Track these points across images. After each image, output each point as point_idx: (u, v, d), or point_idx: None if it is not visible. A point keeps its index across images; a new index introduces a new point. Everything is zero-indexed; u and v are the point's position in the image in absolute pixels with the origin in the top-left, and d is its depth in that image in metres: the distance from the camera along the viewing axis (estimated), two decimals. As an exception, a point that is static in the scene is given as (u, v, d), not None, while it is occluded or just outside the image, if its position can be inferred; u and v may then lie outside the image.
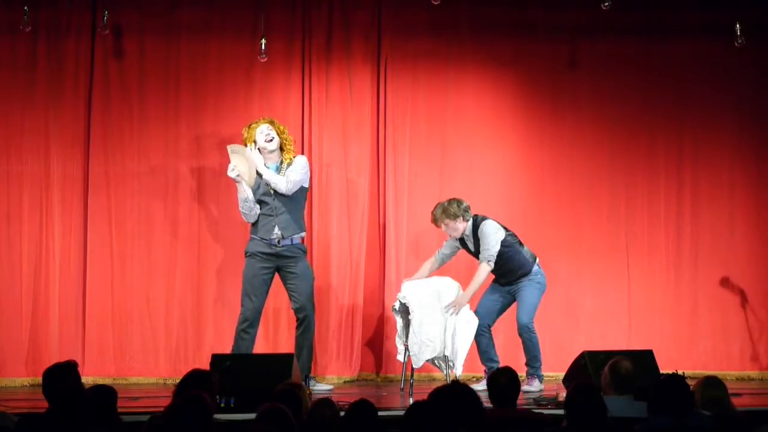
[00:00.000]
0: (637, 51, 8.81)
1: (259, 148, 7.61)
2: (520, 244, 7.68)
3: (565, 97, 8.78)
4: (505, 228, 7.64)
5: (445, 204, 7.60)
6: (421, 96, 8.67)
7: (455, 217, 7.55)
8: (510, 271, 7.64)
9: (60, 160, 8.35)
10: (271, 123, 7.66)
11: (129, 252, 8.38)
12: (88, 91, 8.40)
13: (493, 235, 7.54)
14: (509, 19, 8.75)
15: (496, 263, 7.57)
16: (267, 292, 7.67)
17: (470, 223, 7.62)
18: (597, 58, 8.80)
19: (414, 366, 7.34)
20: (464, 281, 7.62)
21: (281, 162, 7.63)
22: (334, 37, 8.58)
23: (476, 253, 7.65)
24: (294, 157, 7.65)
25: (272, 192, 7.56)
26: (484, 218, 7.64)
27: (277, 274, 7.67)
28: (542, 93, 8.77)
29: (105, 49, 8.42)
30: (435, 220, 7.62)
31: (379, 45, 8.63)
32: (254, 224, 7.62)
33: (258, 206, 7.58)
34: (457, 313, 7.37)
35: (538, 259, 7.72)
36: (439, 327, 7.31)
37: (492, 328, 7.75)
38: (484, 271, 7.55)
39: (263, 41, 8.06)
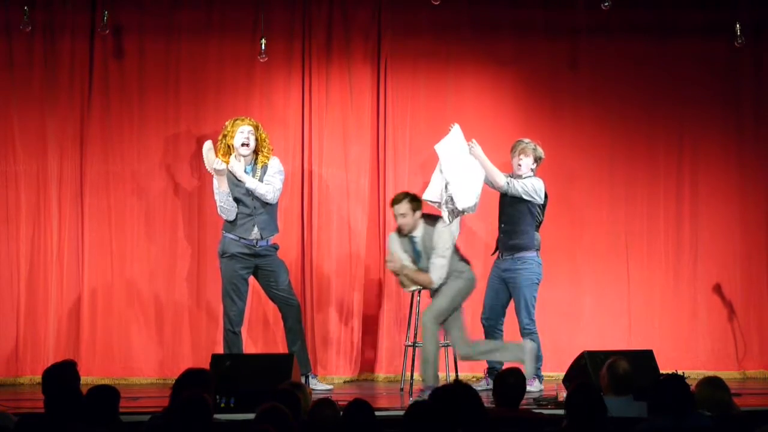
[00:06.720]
0: (637, 51, 8.82)
1: (231, 144, 7.61)
2: (538, 227, 7.73)
3: (565, 97, 8.79)
4: (543, 204, 7.71)
5: (536, 145, 7.75)
6: (421, 96, 8.67)
7: (536, 159, 7.75)
8: (512, 231, 7.66)
9: (58, 160, 8.35)
10: (256, 128, 7.64)
11: (128, 252, 8.38)
12: (87, 91, 8.40)
13: (535, 189, 7.65)
14: (509, 19, 8.76)
15: (508, 213, 7.67)
16: (247, 291, 7.71)
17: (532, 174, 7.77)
18: (597, 58, 8.81)
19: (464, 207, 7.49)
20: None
21: (255, 163, 7.64)
22: (334, 37, 8.59)
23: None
24: (268, 160, 7.64)
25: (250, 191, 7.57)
26: (539, 179, 7.76)
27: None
28: (542, 93, 8.78)
29: (105, 49, 8.42)
30: (522, 148, 7.72)
31: (379, 45, 8.63)
32: (231, 222, 7.60)
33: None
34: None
35: (540, 251, 7.73)
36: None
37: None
38: (501, 178, 7.63)
39: (263, 41, 8.07)
